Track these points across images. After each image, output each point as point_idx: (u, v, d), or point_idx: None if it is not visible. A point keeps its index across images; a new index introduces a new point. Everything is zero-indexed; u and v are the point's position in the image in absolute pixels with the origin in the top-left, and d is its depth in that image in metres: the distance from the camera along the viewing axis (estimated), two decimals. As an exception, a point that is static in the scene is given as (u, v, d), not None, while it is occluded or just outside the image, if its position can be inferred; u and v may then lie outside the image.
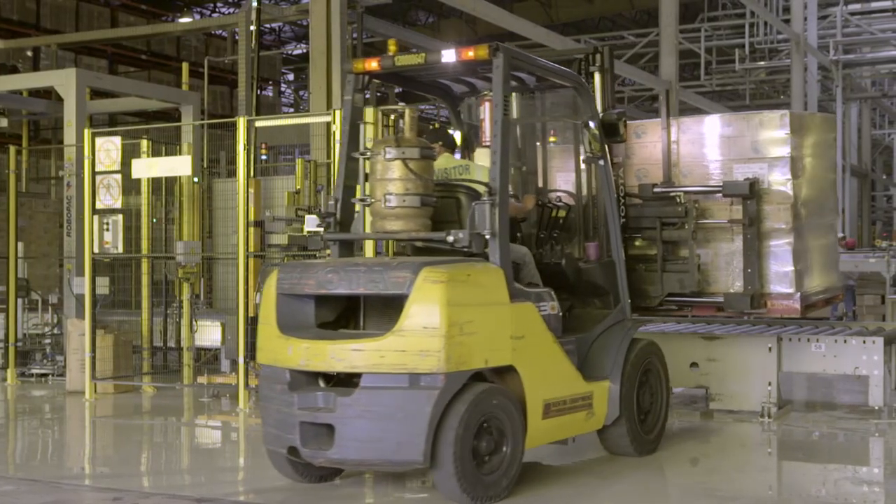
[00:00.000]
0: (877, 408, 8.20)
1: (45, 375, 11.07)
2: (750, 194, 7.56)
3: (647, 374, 6.86)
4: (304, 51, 25.52)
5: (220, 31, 22.01)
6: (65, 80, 12.27)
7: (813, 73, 23.86)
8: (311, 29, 12.60)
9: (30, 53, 19.23)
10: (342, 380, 5.57)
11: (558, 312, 6.15)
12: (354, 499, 5.93)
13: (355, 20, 13.83)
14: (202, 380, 9.75)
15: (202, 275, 10.78)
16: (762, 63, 25.90)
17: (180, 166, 10.02)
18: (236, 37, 17.51)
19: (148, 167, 10.03)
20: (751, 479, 6.42)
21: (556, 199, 7.34)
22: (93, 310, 9.62)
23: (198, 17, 27.67)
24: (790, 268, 7.73)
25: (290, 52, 28.61)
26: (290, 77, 30.63)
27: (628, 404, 6.57)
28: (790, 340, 8.31)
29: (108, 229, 9.84)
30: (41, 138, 17.72)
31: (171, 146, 11.31)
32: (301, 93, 29.56)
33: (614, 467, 6.57)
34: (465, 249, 5.73)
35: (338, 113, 8.35)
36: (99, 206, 9.75)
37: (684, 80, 25.58)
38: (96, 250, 9.76)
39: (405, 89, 7.46)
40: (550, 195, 7.48)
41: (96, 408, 9.34)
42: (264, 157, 16.08)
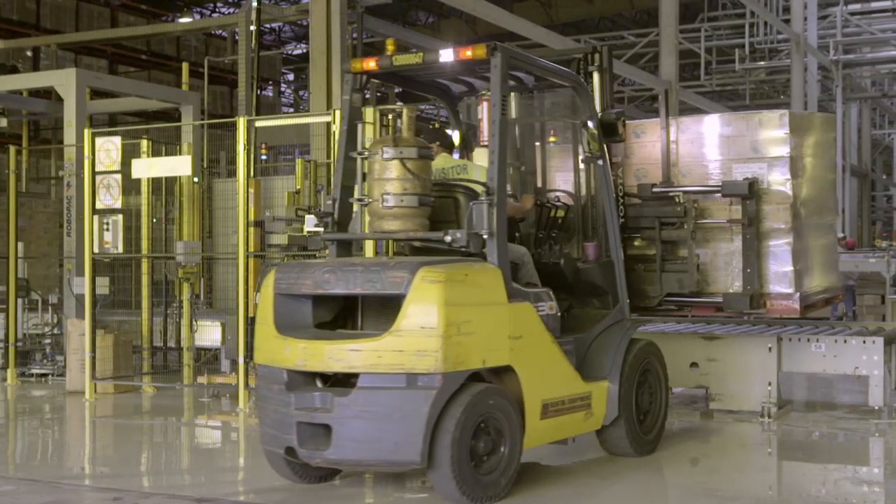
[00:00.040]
0: (877, 408, 8.19)
1: (45, 375, 11.07)
2: (749, 194, 7.54)
3: (645, 374, 6.85)
4: (304, 51, 25.51)
5: (220, 31, 22.02)
6: (65, 80, 12.27)
7: (813, 73, 23.84)
8: (311, 29, 12.61)
9: (30, 53, 19.24)
10: (340, 380, 5.55)
11: (556, 312, 6.14)
12: (354, 499, 5.92)
13: (355, 20, 13.83)
14: (202, 380, 9.75)
15: (202, 275, 10.77)
16: (762, 63, 25.88)
17: (180, 166, 10.02)
18: (236, 37, 17.51)
19: (148, 167, 10.03)
20: (751, 479, 6.41)
21: (554, 199, 7.31)
22: (93, 310, 9.62)
23: (198, 17, 27.66)
24: (789, 268, 7.71)
25: (290, 52, 28.61)
26: (290, 77, 30.62)
27: (627, 404, 6.56)
28: (790, 340, 8.30)
29: (108, 229, 9.83)
30: (41, 138, 17.72)
31: (171, 146, 11.30)
32: (301, 93, 29.55)
33: (614, 467, 6.56)
34: (462, 249, 5.72)
35: (338, 113, 8.33)
36: (99, 206, 9.75)
37: (684, 80, 25.57)
38: (96, 250, 9.75)
39: (404, 89, 7.45)
40: (549, 195, 7.44)
41: (96, 408, 9.33)
42: (264, 157, 16.06)
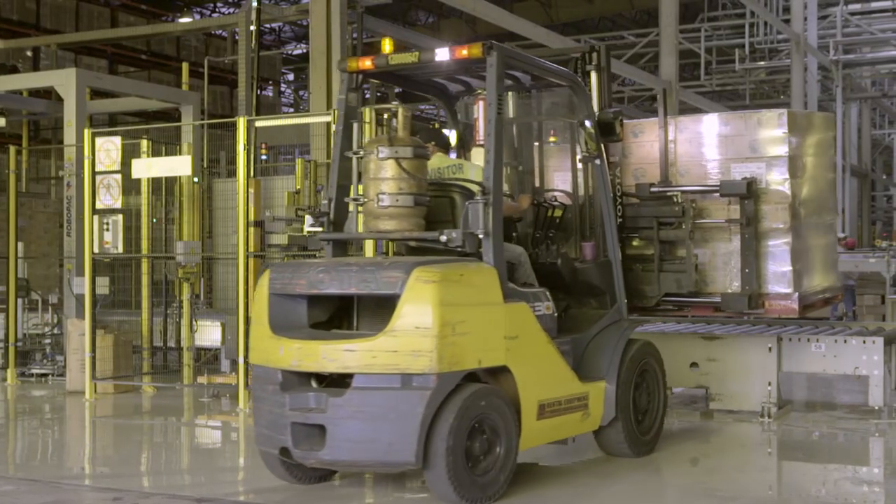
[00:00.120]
0: (877, 408, 8.18)
1: (45, 375, 11.07)
2: (747, 194, 7.52)
3: (643, 374, 6.83)
4: (304, 51, 25.51)
5: (220, 31, 22.02)
6: (65, 80, 12.28)
7: (813, 73, 23.82)
8: (311, 29, 12.60)
9: (30, 53, 19.25)
10: (334, 380, 5.54)
11: (553, 312, 6.13)
12: (353, 499, 5.92)
13: (355, 20, 13.81)
14: (202, 380, 9.75)
15: (202, 275, 10.77)
16: (762, 63, 25.85)
17: (180, 166, 10.02)
18: (236, 37, 17.52)
19: (148, 167, 10.03)
20: (751, 479, 6.40)
21: (552, 199, 7.30)
22: (93, 310, 9.62)
23: (198, 17, 27.67)
24: (788, 268, 7.69)
25: (290, 52, 28.61)
26: (290, 77, 30.62)
27: (624, 405, 6.54)
28: (790, 340, 8.28)
29: (108, 229, 9.84)
30: (41, 138, 17.74)
31: (171, 146, 11.30)
32: (301, 93, 29.55)
33: (613, 468, 6.55)
34: (458, 249, 5.70)
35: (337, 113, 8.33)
36: (99, 206, 9.75)
37: (684, 80, 25.54)
38: (96, 250, 9.76)
39: (402, 89, 7.44)
40: (547, 195, 7.43)
41: (96, 408, 9.33)
42: (264, 157, 16.08)
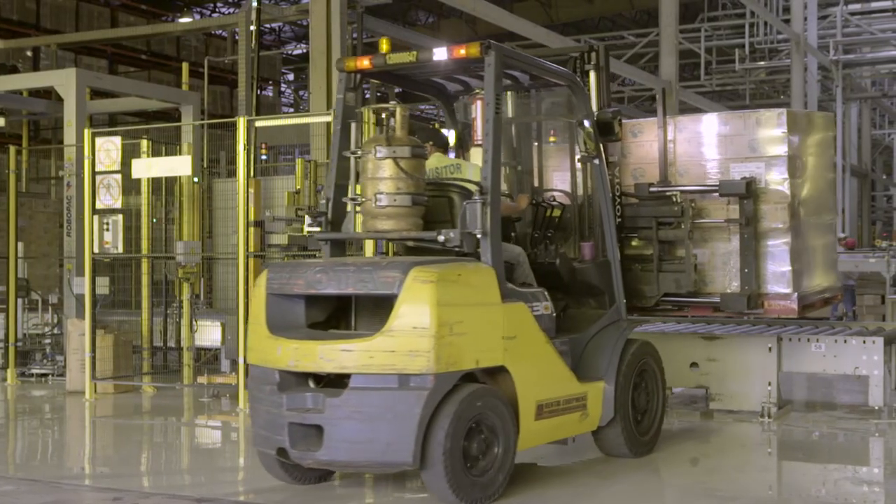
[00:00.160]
0: (877, 408, 8.18)
1: (45, 375, 11.07)
2: (747, 193, 7.51)
3: (642, 374, 6.82)
4: (304, 51, 25.52)
5: (220, 31, 22.03)
6: (65, 80, 12.28)
7: (813, 73, 23.80)
8: (311, 29, 12.60)
9: (30, 53, 19.26)
10: (332, 381, 5.53)
11: (551, 312, 6.12)
12: (353, 499, 5.91)
13: (355, 20, 13.81)
14: (202, 380, 9.75)
15: (202, 275, 10.78)
16: (762, 63, 25.84)
17: (180, 166, 10.02)
18: (236, 37, 17.52)
19: (148, 167, 10.03)
20: (751, 479, 6.40)
21: (551, 199, 7.29)
22: (93, 310, 9.62)
23: (198, 17, 27.67)
24: (787, 268, 7.68)
25: (290, 52, 28.62)
26: (290, 77, 30.62)
27: (623, 405, 6.53)
28: (790, 340, 8.28)
29: (108, 229, 9.84)
30: (41, 138, 17.74)
31: (171, 146, 11.30)
32: (301, 93, 29.56)
33: (613, 468, 6.54)
34: (456, 249, 5.69)
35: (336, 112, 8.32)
36: (99, 206, 9.76)
37: (684, 80, 25.53)
38: (96, 250, 9.76)
39: (401, 88, 7.42)
40: (545, 194, 7.42)
41: (96, 408, 9.33)
42: (264, 157, 16.08)
